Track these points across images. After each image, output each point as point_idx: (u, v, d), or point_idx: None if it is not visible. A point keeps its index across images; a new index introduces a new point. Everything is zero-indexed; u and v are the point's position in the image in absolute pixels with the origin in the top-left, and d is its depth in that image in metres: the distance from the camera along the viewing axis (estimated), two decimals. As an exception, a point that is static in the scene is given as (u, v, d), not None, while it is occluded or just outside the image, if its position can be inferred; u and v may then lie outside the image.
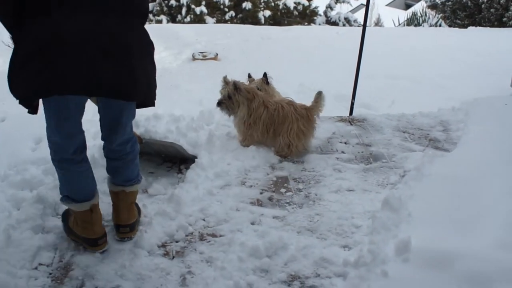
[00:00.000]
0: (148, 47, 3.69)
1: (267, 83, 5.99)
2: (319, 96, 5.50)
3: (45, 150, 5.09)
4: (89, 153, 4.02)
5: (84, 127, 3.79)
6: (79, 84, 3.37)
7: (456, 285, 3.29)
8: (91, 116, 4.18)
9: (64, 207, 4.25)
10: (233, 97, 5.43)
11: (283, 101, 5.56)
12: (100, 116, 3.93)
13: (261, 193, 4.80)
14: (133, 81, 3.53)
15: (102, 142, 4.08)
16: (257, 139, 5.52)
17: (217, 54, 11.96)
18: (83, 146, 3.85)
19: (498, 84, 9.54)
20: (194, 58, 11.78)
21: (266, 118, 5.43)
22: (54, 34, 3.27)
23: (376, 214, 4.19)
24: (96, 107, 3.92)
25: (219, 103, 5.54)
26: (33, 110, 3.59)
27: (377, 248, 3.72)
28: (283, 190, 4.85)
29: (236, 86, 5.42)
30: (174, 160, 5.31)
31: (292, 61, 11.36)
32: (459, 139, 5.72)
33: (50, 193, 4.46)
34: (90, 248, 3.98)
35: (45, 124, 3.74)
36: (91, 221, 3.94)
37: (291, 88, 9.08)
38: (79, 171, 3.86)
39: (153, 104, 3.82)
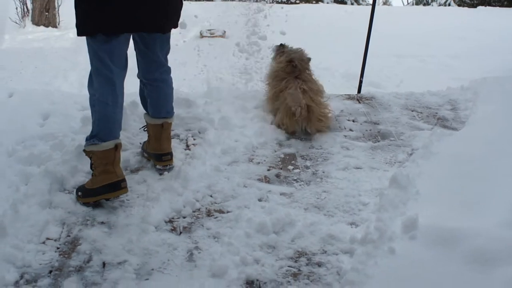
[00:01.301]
0: None
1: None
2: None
3: (53, 126, 5.14)
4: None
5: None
6: (123, 24, 4.07)
7: (462, 262, 3.28)
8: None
9: (76, 180, 4.44)
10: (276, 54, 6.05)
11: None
12: (137, 54, 4.52)
13: (268, 170, 4.79)
14: (166, 18, 4.27)
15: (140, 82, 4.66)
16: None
17: (225, 32, 11.93)
18: (122, 94, 4.30)
19: (507, 64, 9.51)
20: (201, 36, 11.76)
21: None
22: None
23: (384, 191, 4.19)
24: None
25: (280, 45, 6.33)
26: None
27: (384, 226, 3.72)
28: (290, 167, 4.85)
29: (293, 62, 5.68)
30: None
31: (299, 39, 11.29)
32: (467, 118, 5.70)
33: (58, 168, 4.47)
34: (113, 195, 4.15)
35: (54, 100, 3.92)
36: (114, 160, 4.16)
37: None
38: (115, 110, 4.23)
39: (177, 25, 4.48)
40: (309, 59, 5.80)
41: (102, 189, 4.12)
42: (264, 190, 4.46)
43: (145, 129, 4.86)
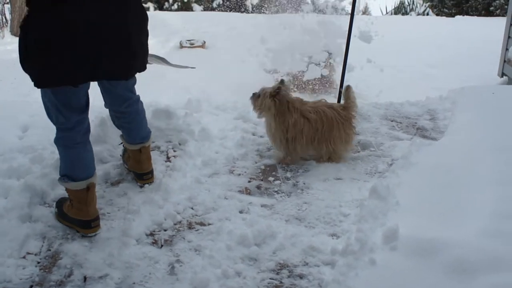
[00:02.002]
0: (144, 22, 4.02)
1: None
2: (349, 90, 5.20)
3: (32, 138, 5.10)
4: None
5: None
6: (87, 73, 3.77)
7: (441, 272, 3.32)
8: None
9: (55, 193, 4.36)
10: (261, 96, 5.05)
11: (321, 105, 5.15)
12: (105, 92, 4.30)
13: (249, 182, 4.80)
14: (132, 60, 3.98)
15: (107, 111, 4.49)
16: (301, 153, 5.18)
17: (204, 42, 11.94)
18: (88, 129, 4.07)
19: (486, 73, 9.60)
20: (181, 46, 11.76)
21: (309, 129, 5.02)
22: (67, 23, 3.58)
23: (364, 202, 4.22)
24: None
25: (253, 94, 5.17)
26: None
27: (365, 236, 3.74)
28: (271, 178, 4.86)
29: (278, 91, 4.99)
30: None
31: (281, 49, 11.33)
32: (446, 127, 5.74)
33: (37, 181, 4.45)
34: (83, 231, 4.01)
35: (33, 113, 3.84)
36: (87, 200, 3.99)
37: (279, 75, 9.08)
38: (83, 150, 4.03)
39: (145, 68, 4.15)
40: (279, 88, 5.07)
41: (74, 220, 4.05)
42: (245, 202, 4.46)
43: (123, 145, 4.80)
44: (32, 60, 3.67)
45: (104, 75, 3.92)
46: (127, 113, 4.40)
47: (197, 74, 9.82)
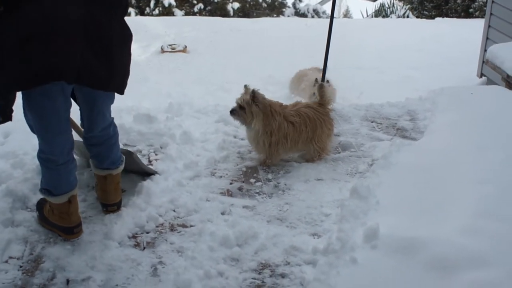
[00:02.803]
0: (128, 37, 3.85)
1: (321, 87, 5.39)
2: (322, 89, 5.29)
3: (13, 144, 5.10)
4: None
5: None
6: (72, 70, 3.49)
7: (422, 270, 3.36)
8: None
9: (37, 198, 4.31)
10: (247, 107, 4.98)
11: (301, 107, 5.19)
12: (80, 109, 4.02)
13: (231, 184, 4.82)
14: (112, 72, 3.70)
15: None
16: (283, 155, 5.24)
17: (186, 47, 11.94)
18: (71, 147, 3.92)
19: (465, 74, 9.66)
20: (163, 51, 11.76)
21: (294, 133, 5.05)
22: (46, 19, 3.36)
23: (345, 202, 4.25)
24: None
25: (232, 111, 5.08)
26: (7, 117, 3.65)
27: (346, 236, 3.77)
28: (252, 180, 4.88)
29: (254, 95, 4.97)
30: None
31: (261, 53, 11.38)
32: (426, 128, 5.78)
33: (19, 186, 4.45)
34: (65, 237, 4.01)
35: (14, 118, 3.76)
36: (69, 211, 3.97)
37: (261, 80, 9.11)
38: (65, 171, 3.91)
39: (122, 93, 3.88)
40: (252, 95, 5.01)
41: (56, 225, 4.04)
42: (226, 204, 4.48)
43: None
44: (11, 58, 3.39)
45: (85, 78, 3.58)
46: (99, 137, 4.13)
47: (178, 78, 9.83)
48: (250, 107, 4.97)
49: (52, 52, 3.39)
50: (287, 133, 5.03)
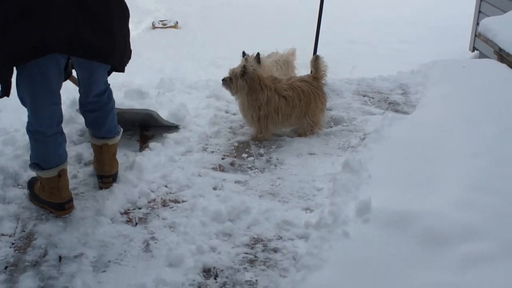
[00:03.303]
0: (126, 12, 3.90)
1: (259, 62, 5.49)
2: (318, 61, 5.26)
3: (4, 121, 5.08)
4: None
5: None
6: (64, 43, 3.56)
7: (414, 243, 3.36)
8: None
9: (28, 175, 4.32)
10: (234, 79, 5.04)
11: (294, 81, 5.16)
12: (76, 73, 4.05)
13: (222, 159, 4.82)
14: (112, 43, 3.76)
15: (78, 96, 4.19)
16: (274, 130, 5.21)
17: (177, 22, 11.85)
18: (60, 119, 3.93)
19: (457, 48, 9.62)
20: (154, 27, 11.67)
21: (286, 107, 5.04)
22: None
23: (337, 176, 4.25)
24: None
25: (223, 80, 5.14)
26: (6, 90, 3.65)
27: (338, 210, 3.77)
28: (244, 155, 4.88)
29: (244, 70, 4.97)
30: (143, 127, 5.30)
31: (253, 28, 11.31)
32: (418, 101, 5.78)
33: (10, 163, 4.45)
34: (57, 213, 4.01)
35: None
36: (59, 186, 3.96)
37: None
38: (54, 143, 3.92)
39: (123, 70, 4.02)
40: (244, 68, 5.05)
41: (47, 202, 4.04)
42: (218, 179, 4.48)
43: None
44: (6, 31, 3.46)
45: (80, 49, 3.64)
46: (94, 103, 4.15)
47: (170, 54, 9.77)
48: (237, 80, 5.00)
49: (43, 26, 3.46)
50: (279, 107, 5.01)
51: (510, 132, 4.52)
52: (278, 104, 5.01)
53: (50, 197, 4.00)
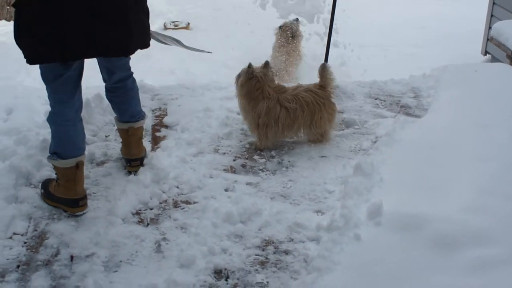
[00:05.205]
0: None
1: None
2: (324, 70, 5.10)
3: (16, 121, 5.10)
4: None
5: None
6: (80, 50, 3.73)
7: (425, 247, 3.36)
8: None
9: (41, 174, 4.38)
10: (242, 75, 5.00)
11: (299, 91, 5.03)
12: (98, 63, 4.25)
13: (234, 160, 4.82)
14: (130, 36, 3.87)
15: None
16: (274, 139, 5.05)
17: (188, 24, 11.89)
18: (79, 105, 4.07)
19: (469, 52, 9.61)
20: (165, 28, 11.70)
21: (286, 118, 4.92)
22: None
23: (349, 179, 4.25)
24: None
25: (238, 76, 5.08)
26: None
27: (350, 212, 3.77)
28: (256, 157, 4.88)
29: (249, 70, 4.93)
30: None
31: (264, 31, 11.32)
32: (429, 105, 5.76)
33: (23, 163, 4.46)
34: (71, 210, 4.03)
35: (17, 95, 3.82)
36: (75, 178, 4.01)
37: (264, 57, 9.07)
38: (73, 128, 4.01)
39: (148, 46, 4.17)
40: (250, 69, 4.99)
41: (61, 200, 4.06)
42: (230, 180, 4.49)
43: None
44: (23, 37, 3.67)
45: (97, 52, 3.88)
46: (118, 88, 4.34)
47: (182, 55, 9.79)
48: (240, 76, 5.03)
49: (59, 32, 3.61)
50: (279, 118, 4.91)
51: (522, 136, 4.52)
52: (279, 114, 4.91)
53: (65, 193, 4.02)
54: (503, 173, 4.01)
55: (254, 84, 4.91)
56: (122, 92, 4.35)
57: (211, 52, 5.11)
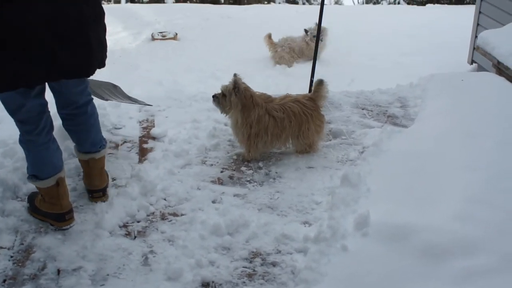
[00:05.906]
0: (100, 16, 3.79)
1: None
2: (320, 85, 5.12)
3: (3, 133, 5.06)
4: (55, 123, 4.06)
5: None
6: (42, 73, 3.52)
7: (413, 257, 3.36)
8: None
9: (28, 187, 4.32)
10: (228, 95, 4.90)
11: (287, 101, 5.03)
12: (55, 94, 4.03)
13: (221, 172, 4.82)
14: (90, 55, 3.68)
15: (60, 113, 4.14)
16: (263, 150, 5.08)
17: (176, 34, 11.90)
18: (49, 126, 3.91)
19: (456, 60, 9.66)
20: (153, 38, 11.71)
21: (274, 127, 4.93)
22: (17, 22, 3.34)
23: (336, 190, 4.26)
24: None
25: (213, 97, 4.99)
26: None
27: (337, 223, 3.78)
28: (243, 168, 4.88)
29: (235, 84, 4.86)
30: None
31: (252, 40, 11.35)
32: (416, 114, 5.79)
33: (9, 175, 4.43)
34: (58, 225, 3.99)
35: (3, 107, 3.75)
36: (58, 195, 3.95)
37: (252, 68, 9.10)
38: (46, 151, 3.90)
39: (104, 66, 3.88)
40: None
41: (47, 214, 4.02)
42: (217, 192, 4.48)
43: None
44: None
45: (60, 74, 3.64)
46: (76, 115, 4.10)
47: (169, 66, 9.81)
48: (230, 96, 4.90)
49: (17, 59, 3.42)
50: (268, 127, 4.92)
51: (509, 145, 4.52)
52: (268, 123, 4.92)
53: (50, 208, 3.99)
54: (491, 182, 4.01)
55: (244, 93, 4.89)
56: (82, 119, 4.12)
57: (151, 105, 5.13)
